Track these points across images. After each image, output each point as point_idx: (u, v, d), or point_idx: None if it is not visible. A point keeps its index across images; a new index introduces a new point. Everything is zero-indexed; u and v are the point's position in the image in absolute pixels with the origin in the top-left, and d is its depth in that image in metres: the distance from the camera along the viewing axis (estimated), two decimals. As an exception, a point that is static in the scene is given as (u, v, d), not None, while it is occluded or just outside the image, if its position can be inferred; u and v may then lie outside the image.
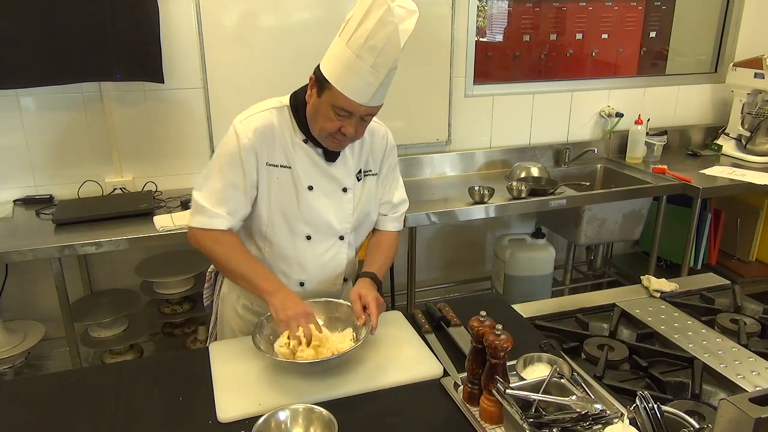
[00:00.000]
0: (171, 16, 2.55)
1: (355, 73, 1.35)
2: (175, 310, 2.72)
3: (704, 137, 3.60)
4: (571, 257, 3.41)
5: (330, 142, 1.49)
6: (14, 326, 2.54)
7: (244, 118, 1.50)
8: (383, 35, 1.31)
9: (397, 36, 1.31)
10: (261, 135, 1.48)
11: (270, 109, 1.52)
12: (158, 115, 2.67)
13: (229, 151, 1.48)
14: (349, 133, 1.43)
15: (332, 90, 1.38)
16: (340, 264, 1.65)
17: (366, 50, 1.33)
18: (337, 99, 1.38)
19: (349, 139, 1.47)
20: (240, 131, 1.48)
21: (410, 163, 3.06)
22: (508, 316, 1.67)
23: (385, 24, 1.30)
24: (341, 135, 1.44)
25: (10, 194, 2.58)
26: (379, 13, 1.30)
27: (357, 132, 1.45)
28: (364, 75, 1.35)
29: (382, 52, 1.33)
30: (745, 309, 1.72)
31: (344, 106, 1.39)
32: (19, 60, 2.30)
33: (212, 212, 1.49)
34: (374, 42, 1.32)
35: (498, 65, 3.23)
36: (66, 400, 1.32)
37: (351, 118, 1.42)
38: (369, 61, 1.34)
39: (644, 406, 1.04)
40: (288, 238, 1.57)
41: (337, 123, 1.42)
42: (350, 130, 1.43)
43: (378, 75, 1.35)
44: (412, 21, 1.33)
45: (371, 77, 1.35)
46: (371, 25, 1.31)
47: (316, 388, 1.33)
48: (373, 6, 1.31)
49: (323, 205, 1.56)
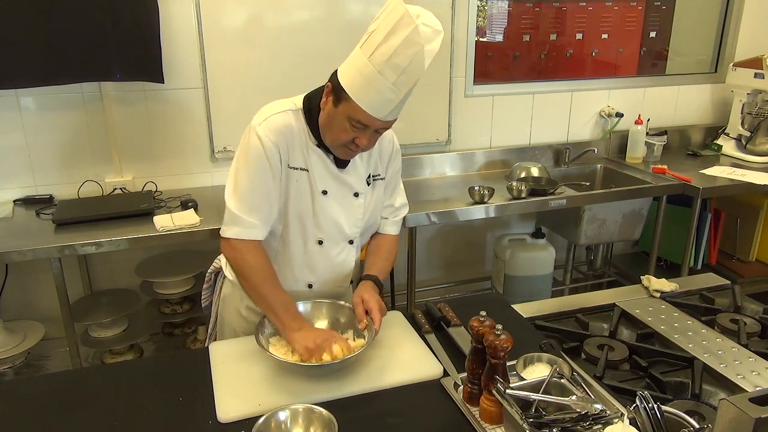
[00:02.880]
0: (171, 16, 2.55)
1: (375, 89, 1.34)
2: (175, 310, 2.72)
3: (704, 137, 3.60)
4: (571, 257, 3.41)
5: (341, 152, 1.49)
6: (14, 326, 2.54)
7: (262, 120, 1.47)
8: (408, 55, 1.29)
9: (422, 57, 1.30)
10: (282, 136, 1.47)
11: (287, 111, 1.50)
12: (158, 115, 2.67)
13: (255, 155, 1.46)
14: (362, 145, 1.43)
15: (350, 102, 1.37)
16: (348, 267, 1.65)
17: (389, 68, 1.31)
18: (355, 112, 1.37)
19: (361, 150, 1.47)
20: (262, 134, 1.45)
21: (410, 163, 3.06)
22: (508, 316, 1.67)
23: (412, 44, 1.28)
24: (354, 146, 1.44)
25: (10, 194, 2.58)
26: (405, 33, 1.28)
27: (370, 143, 1.45)
28: (384, 92, 1.34)
29: (406, 71, 1.31)
30: (745, 309, 1.72)
31: (361, 120, 1.38)
32: (19, 60, 2.30)
33: (247, 222, 1.47)
34: (398, 61, 1.30)
35: (498, 65, 3.23)
36: (66, 400, 1.32)
37: (366, 130, 1.41)
38: (391, 78, 1.32)
39: (644, 406, 1.04)
40: (300, 242, 1.56)
41: (352, 134, 1.42)
42: (364, 141, 1.43)
43: (399, 93, 1.35)
44: (437, 42, 1.31)
45: (392, 94, 1.34)
46: (396, 43, 1.29)
47: (316, 388, 1.33)
48: (399, 24, 1.28)
49: (336, 210, 1.56)
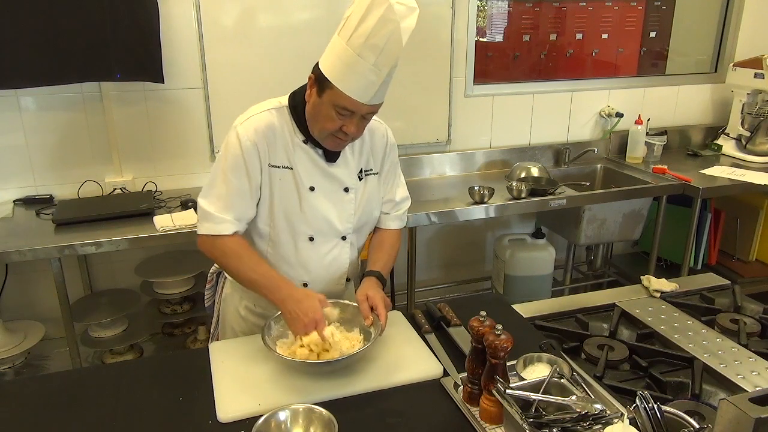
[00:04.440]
0: (171, 16, 2.55)
1: (356, 72, 1.35)
2: (175, 310, 2.72)
3: (704, 137, 3.60)
4: (571, 257, 3.41)
5: (330, 142, 1.49)
6: (14, 326, 2.54)
7: (244, 120, 1.49)
8: (385, 33, 1.30)
9: (399, 34, 1.31)
10: (262, 136, 1.48)
11: (270, 110, 1.51)
12: (158, 115, 2.67)
13: (232, 155, 1.48)
14: (350, 132, 1.43)
15: (333, 89, 1.37)
16: (343, 264, 1.65)
17: (367, 49, 1.32)
18: (338, 98, 1.38)
19: (350, 138, 1.47)
20: (241, 134, 1.47)
21: (410, 163, 3.06)
22: (508, 316, 1.67)
23: (387, 22, 1.30)
24: (342, 134, 1.44)
25: (10, 194, 2.58)
26: (380, 12, 1.29)
27: (358, 130, 1.45)
28: (365, 74, 1.35)
29: (384, 50, 1.32)
30: (745, 309, 1.72)
31: (346, 106, 1.38)
32: (19, 60, 2.30)
33: (219, 218, 1.48)
34: (376, 41, 1.31)
35: (498, 65, 3.23)
36: (66, 400, 1.32)
37: (352, 117, 1.41)
38: (371, 59, 1.33)
39: (644, 406, 1.04)
40: (290, 240, 1.56)
41: (339, 122, 1.42)
42: (352, 128, 1.43)
43: (380, 73, 1.35)
44: (413, 18, 1.32)
45: (373, 76, 1.35)
46: (372, 23, 1.30)
47: (316, 388, 1.33)
48: (373, 4, 1.30)
49: (325, 206, 1.56)
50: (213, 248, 1.52)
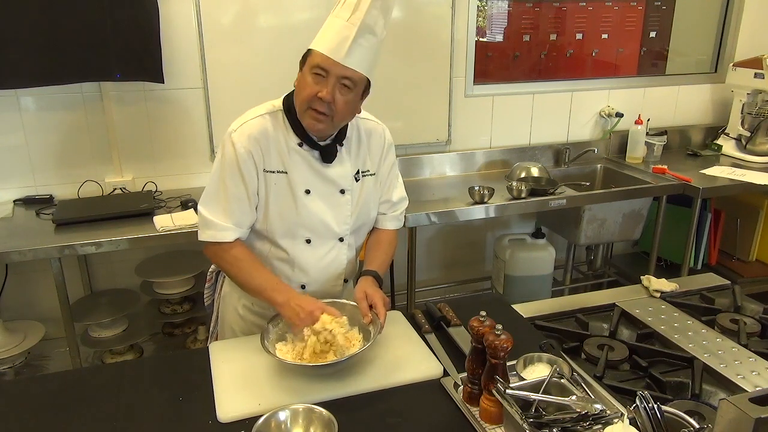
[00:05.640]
0: (171, 16, 2.55)
1: (331, 30, 1.41)
2: (175, 310, 2.72)
3: (704, 137, 3.60)
4: (571, 257, 3.41)
5: (309, 119, 1.45)
6: (14, 326, 2.55)
7: (237, 127, 1.50)
8: None
9: None
10: (256, 142, 1.49)
11: (263, 115, 1.52)
12: (158, 115, 2.67)
13: (228, 161, 1.49)
14: (325, 97, 1.40)
15: (311, 54, 1.43)
16: (341, 266, 1.65)
17: (344, 9, 1.40)
18: (314, 59, 1.42)
19: (327, 110, 1.42)
20: (236, 141, 1.48)
21: (410, 163, 3.06)
22: (508, 316, 1.67)
23: None
24: (318, 102, 1.41)
25: (10, 194, 2.58)
26: None
27: (331, 96, 1.41)
28: (340, 30, 1.40)
29: (358, 7, 1.38)
30: (745, 309, 1.72)
31: (319, 63, 1.40)
32: (19, 60, 2.30)
33: (220, 225, 1.50)
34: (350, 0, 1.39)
35: (498, 65, 3.23)
36: (66, 400, 1.32)
37: (327, 79, 1.41)
38: (345, 16, 1.40)
39: (644, 406, 1.04)
40: (288, 243, 1.57)
41: (315, 88, 1.41)
42: (325, 92, 1.40)
43: (352, 28, 1.38)
44: None
45: (347, 31, 1.39)
46: None
47: (316, 388, 1.33)
48: None
49: (321, 209, 1.56)
50: (216, 256, 1.56)
